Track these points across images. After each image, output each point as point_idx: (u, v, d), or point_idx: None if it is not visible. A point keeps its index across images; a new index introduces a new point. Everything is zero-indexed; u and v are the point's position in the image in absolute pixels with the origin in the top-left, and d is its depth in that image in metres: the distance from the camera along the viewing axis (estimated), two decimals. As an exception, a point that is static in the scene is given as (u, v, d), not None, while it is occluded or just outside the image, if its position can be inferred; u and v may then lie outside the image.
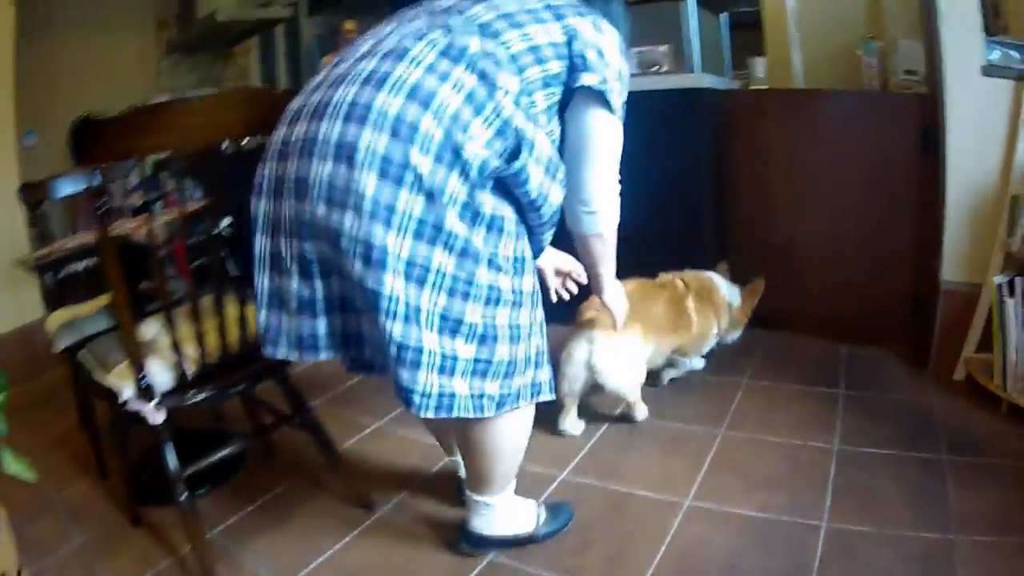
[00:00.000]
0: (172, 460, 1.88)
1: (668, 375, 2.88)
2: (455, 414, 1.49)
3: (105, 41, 4.64)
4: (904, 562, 1.81)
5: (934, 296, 2.82)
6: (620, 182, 1.69)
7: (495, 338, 1.51)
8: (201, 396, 1.92)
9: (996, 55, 2.62)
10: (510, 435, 1.72)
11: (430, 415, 1.46)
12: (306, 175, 1.37)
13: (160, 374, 1.87)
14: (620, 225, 1.75)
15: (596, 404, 2.69)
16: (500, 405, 1.57)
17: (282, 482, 2.42)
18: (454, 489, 2.15)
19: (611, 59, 1.54)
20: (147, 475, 2.33)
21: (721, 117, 3.20)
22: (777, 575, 1.83)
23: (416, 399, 1.44)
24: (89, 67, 4.45)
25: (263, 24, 5.07)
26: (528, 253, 1.58)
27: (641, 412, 2.58)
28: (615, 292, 1.96)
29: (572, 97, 1.57)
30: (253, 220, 1.52)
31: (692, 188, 3.19)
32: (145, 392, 1.83)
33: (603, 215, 1.67)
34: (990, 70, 2.61)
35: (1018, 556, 1.79)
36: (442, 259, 1.40)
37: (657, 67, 3.15)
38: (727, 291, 2.86)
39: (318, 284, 1.46)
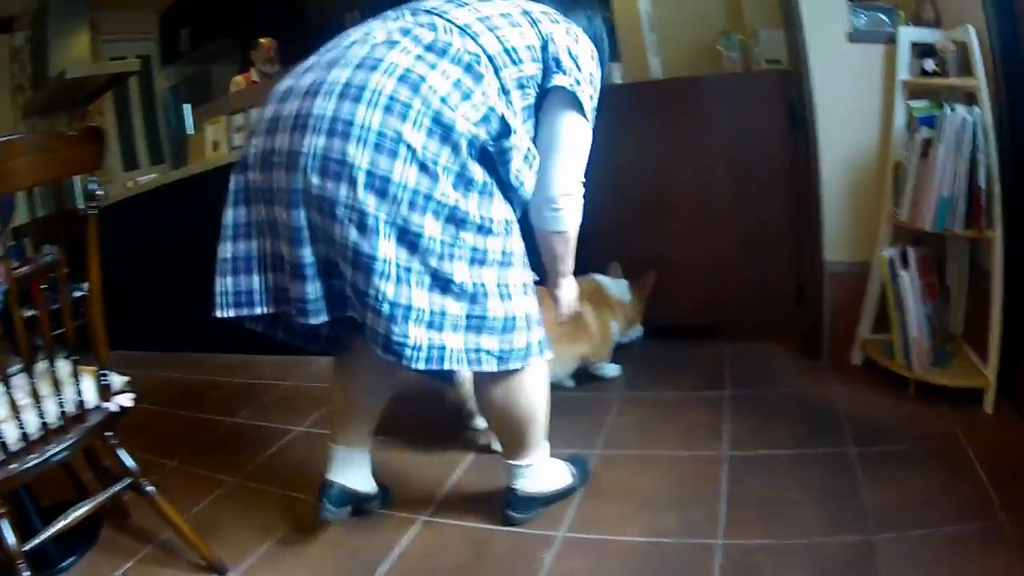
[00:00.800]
0: (9, 536, 1.70)
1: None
2: (446, 365, 1.54)
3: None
4: (821, 574, 1.58)
5: (819, 280, 2.64)
6: (584, 184, 1.77)
7: (485, 295, 1.57)
8: (29, 464, 1.74)
9: (862, 20, 2.50)
10: (529, 394, 1.77)
11: (420, 366, 1.51)
12: (299, 148, 1.44)
13: None
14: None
15: (460, 433, 2.43)
16: (502, 360, 1.63)
17: (142, 547, 2.19)
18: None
19: (583, 64, 1.64)
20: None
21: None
22: None
23: (408, 352, 1.49)
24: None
25: (115, 79, 5.09)
26: (513, 217, 1.65)
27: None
28: (569, 288, 2.01)
29: (545, 99, 1.66)
30: (232, 193, 1.60)
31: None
32: None
33: (567, 213, 1.74)
34: (857, 36, 2.48)
35: (946, 548, 1.60)
36: (433, 225, 1.47)
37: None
38: (616, 290, 2.75)
39: (307, 250, 1.51)
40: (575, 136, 1.67)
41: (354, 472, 1.92)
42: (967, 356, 2.34)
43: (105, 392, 1.90)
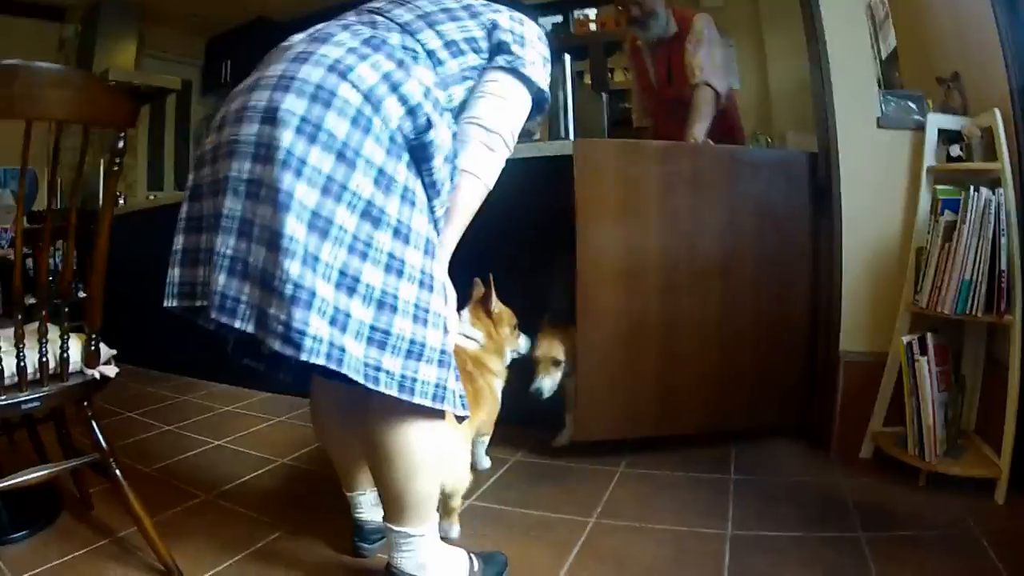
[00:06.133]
0: None
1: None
2: (344, 369, 1.41)
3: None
4: None
5: (833, 371, 2.56)
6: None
7: (394, 308, 1.48)
8: None
9: (892, 108, 2.52)
10: (423, 446, 1.61)
11: (320, 361, 1.38)
12: (236, 136, 1.45)
13: None
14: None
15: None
16: (403, 388, 1.49)
17: (98, 539, 2.15)
18: (351, 537, 1.98)
19: (530, 42, 1.68)
20: None
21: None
22: None
23: (307, 342, 1.37)
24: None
25: (155, 93, 5.19)
26: (436, 240, 1.58)
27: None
28: (445, 254, 1.76)
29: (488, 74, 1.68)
30: (188, 188, 1.58)
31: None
32: None
33: (491, 153, 1.67)
34: (886, 122, 2.50)
35: None
36: (345, 217, 1.42)
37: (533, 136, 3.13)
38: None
39: (230, 239, 1.45)
40: (512, 94, 1.66)
41: (377, 508, 1.87)
42: (979, 448, 2.28)
43: (91, 358, 1.88)
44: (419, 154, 1.51)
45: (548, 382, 2.47)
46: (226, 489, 2.43)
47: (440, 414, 1.59)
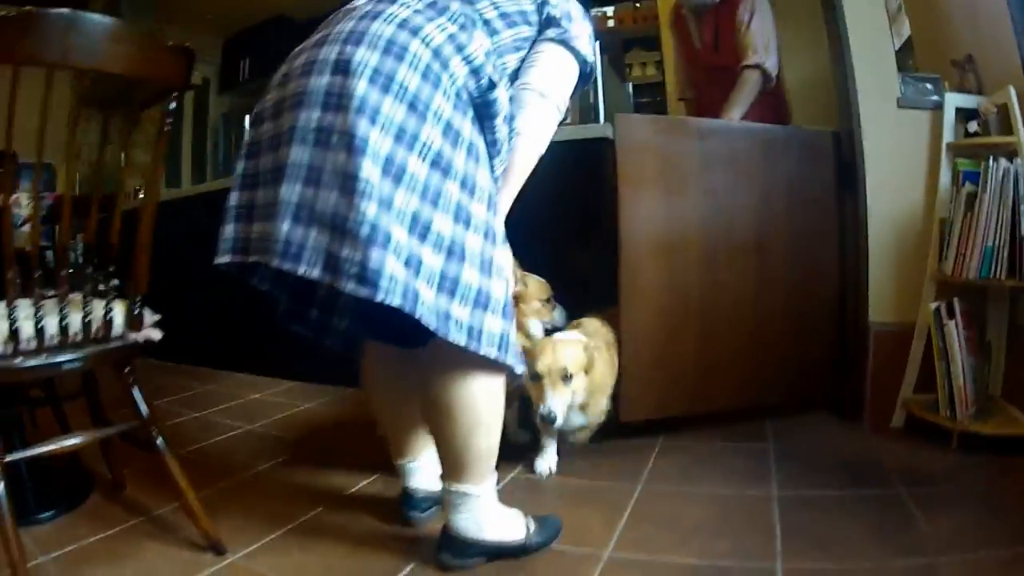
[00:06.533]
0: None
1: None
2: (418, 313, 1.42)
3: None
4: None
5: (863, 342, 2.63)
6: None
7: (462, 257, 1.50)
8: (34, 363, 1.70)
9: (910, 89, 2.62)
10: (485, 399, 1.63)
11: (395, 302, 1.38)
12: (304, 89, 1.48)
13: None
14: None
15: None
16: (471, 337, 1.51)
17: (131, 518, 2.14)
18: (399, 504, 2.00)
19: (576, 18, 1.74)
20: None
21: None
22: None
23: (384, 282, 1.37)
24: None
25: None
26: (496, 197, 1.62)
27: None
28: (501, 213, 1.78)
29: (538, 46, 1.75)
30: (245, 147, 1.62)
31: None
32: None
33: (536, 118, 1.70)
34: (905, 103, 2.60)
35: (1014, 565, 1.59)
36: (417, 165, 1.45)
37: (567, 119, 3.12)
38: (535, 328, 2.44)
39: (296, 187, 1.46)
40: (562, 64, 1.72)
41: (426, 475, 1.93)
42: (1007, 411, 2.38)
43: (134, 322, 1.87)
44: (482, 112, 1.55)
45: (559, 402, 2.10)
46: (262, 469, 2.46)
47: (500, 369, 1.60)
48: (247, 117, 1.75)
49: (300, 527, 2.00)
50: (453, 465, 1.68)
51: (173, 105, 1.75)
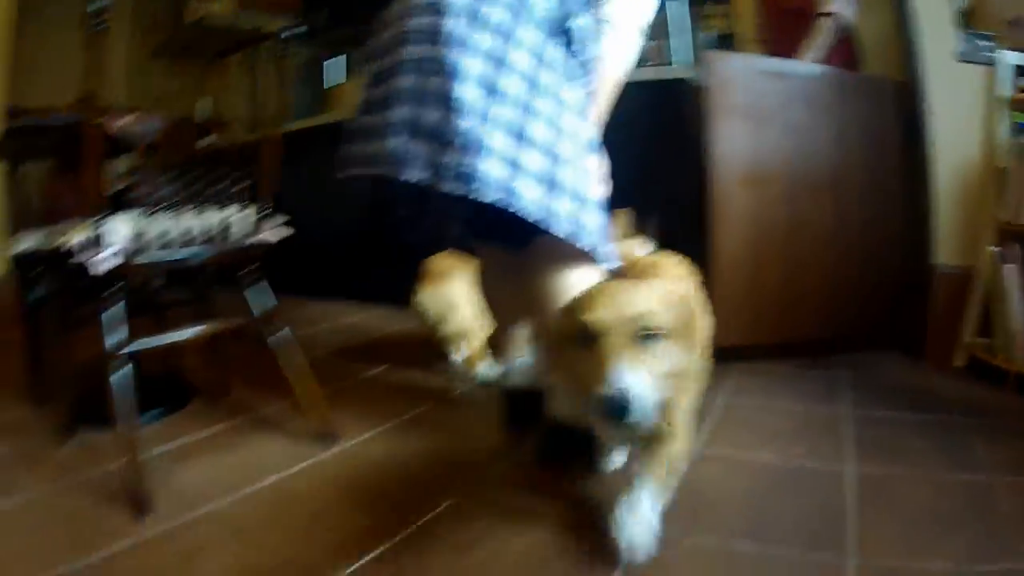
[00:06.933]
0: (122, 331, 1.82)
1: None
2: (516, 206, 1.53)
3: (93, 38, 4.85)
4: (945, 498, 1.68)
5: (928, 283, 2.77)
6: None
7: (556, 159, 1.59)
8: (156, 257, 1.90)
9: (968, 45, 2.72)
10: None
11: (493, 198, 1.51)
12: (407, 27, 1.61)
13: (118, 229, 1.84)
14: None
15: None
16: (571, 230, 1.58)
17: (236, 417, 2.34)
18: (501, 403, 2.12)
19: None
20: (88, 401, 2.27)
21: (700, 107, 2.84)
22: (809, 512, 1.65)
23: (479, 177, 1.51)
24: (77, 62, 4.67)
25: (252, 38, 5.09)
26: (583, 109, 1.72)
27: None
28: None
29: None
30: (370, 77, 1.72)
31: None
32: (92, 244, 1.80)
33: (619, 42, 1.78)
34: (964, 57, 2.70)
35: None
36: (508, 84, 1.55)
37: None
38: None
39: (405, 109, 1.60)
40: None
41: (527, 374, 2.05)
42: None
43: (261, 222, 2.04)
44: (566, 37, 1.66)
45: (633, 377, 1.23)
46: (367, 376, 2.65)
47: (595, 263, 1.68)
48: (325, 63, 1.95)
49: (408, 421, 2.20)
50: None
51: (289, 33, 1.92)
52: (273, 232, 2.10)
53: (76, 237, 1.80)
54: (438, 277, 2.50)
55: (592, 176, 1.69)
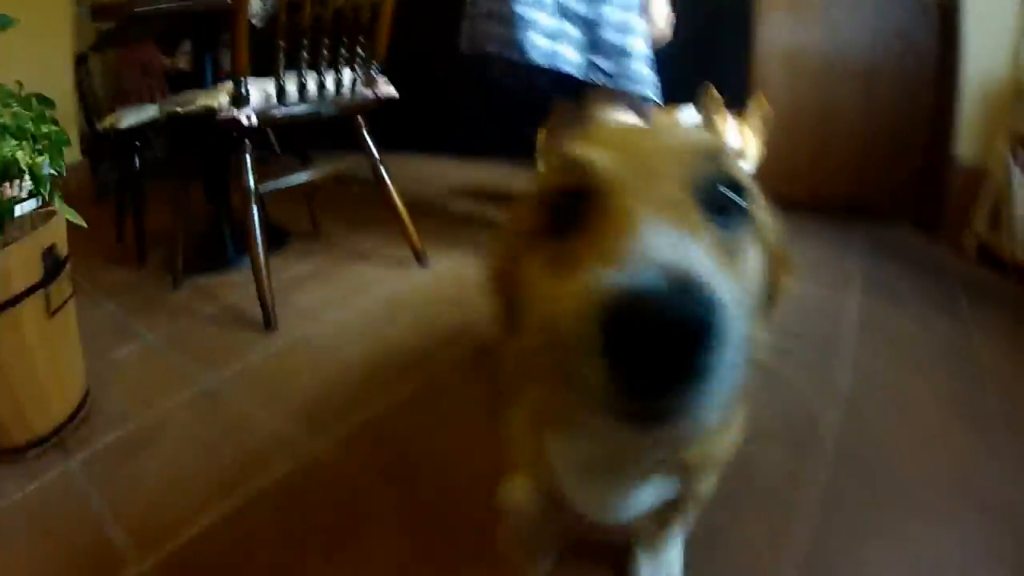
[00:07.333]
0: (249, 177, 2.02)
1: None
2: (560, 65, 1.84)
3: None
4: (931, 333, 1.99)
5: (947, 170, 3.01)
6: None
7: (598, 23, 1.88)
8: (294, 111, 2.08)
9: None
10: None
11: (537, 59, 1.83)
12: None
13: (256, 91, 2.01)
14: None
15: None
16: (613, 77, 1.89)
17: (333, 251, 2.60)
18: None
19: None
20: (191, 252, 2.46)
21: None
22: (813, 332, 1.96)
23: (527, 46, 1.84)
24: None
25: None
26: None
27: None
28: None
29: None
30: None
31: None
32: (239, 102, 1.97)
33: None
34: None
35: None
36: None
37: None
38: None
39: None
40: None
41: None
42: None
43: (371, 82, 2.27)
44: None
45: (697, 256, 0.51)
46: (458, 212, 2.97)
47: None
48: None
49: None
50: None
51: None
52: (384, 89, 2.31)
53: (220, 98, 2.00)
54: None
55: (638, 31, 1.93)
